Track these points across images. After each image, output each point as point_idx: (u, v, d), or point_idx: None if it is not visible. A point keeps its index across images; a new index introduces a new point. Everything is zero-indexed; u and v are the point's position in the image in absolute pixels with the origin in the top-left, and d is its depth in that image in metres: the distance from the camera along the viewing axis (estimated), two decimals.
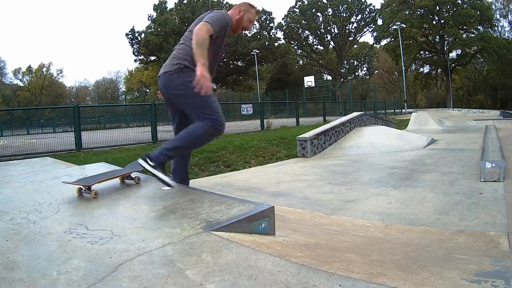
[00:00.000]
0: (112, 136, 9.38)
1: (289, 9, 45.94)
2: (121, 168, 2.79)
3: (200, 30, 2.13)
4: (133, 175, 2.47)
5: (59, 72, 53.78)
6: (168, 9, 41.12)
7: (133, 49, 41.31)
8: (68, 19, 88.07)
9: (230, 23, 2.37)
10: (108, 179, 2.35)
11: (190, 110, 2.27)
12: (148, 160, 2.21)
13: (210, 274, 1.24)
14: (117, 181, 2.46)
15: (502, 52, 37.05)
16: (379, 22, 43.20)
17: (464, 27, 38.35)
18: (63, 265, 1.33)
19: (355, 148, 7.91)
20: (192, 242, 1.48)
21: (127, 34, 40.67)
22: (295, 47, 48.19)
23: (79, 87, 59.72)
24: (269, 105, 22.80)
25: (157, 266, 1.30)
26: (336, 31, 44.96)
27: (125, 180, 2.47)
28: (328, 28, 44.94)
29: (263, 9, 47.64)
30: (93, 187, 2.15)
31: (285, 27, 45.22)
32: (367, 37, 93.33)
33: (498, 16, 40.98)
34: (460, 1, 37.72)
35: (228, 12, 2.45)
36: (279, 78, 46.13)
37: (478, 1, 37.21)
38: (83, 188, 2.17)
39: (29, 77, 50.13)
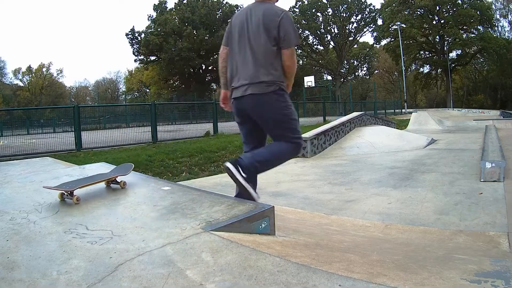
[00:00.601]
0: (112, 136, 9.38)
1: (289, 9, 45.85)
2: (107, 171, 2.62)
3: (294, 63, 2.15)
4: (118, 179, 2.34)
5: (59, 72, 53.75)
6: (168, 9, 41.13)
7: (133, 49, 41.37)
8: (68, 19, 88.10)
9: None
10: (91, 184, 2.21)
11: (277, 133, 2.16)
12: (241, 170, 1.99)
13: (210, 274, 1.24)
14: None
15: (502, 52, 37.04)
16: (379, 22, 43.24)
17: (464, 27, 38.34)
18: (63, 265, 1.33)
19: (355, 148, 7.91)
20: (192, 242, 1.47)
21: (127, 34, 40.72)
22: (295, 47, 48.16)
23: (79, 87, 59.68)
24: None
25: (157, 266, 1.30)
26: (336, 31, 44.95)
27: (111, 185, 2.33)
28: (328, 28, 44.93)
29: None
30: (75, 192, 2.02)
31: None
32: (367, 37, 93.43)
33: (498, 16, 41.01)
34: (460, 1, 37.71)
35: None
36: None
37: (478, 1, 37.20)
38: (65, 194, 2.04)
39: (29, 77, 50.10)
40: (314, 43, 47.39)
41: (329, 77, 48.33)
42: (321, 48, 47.14)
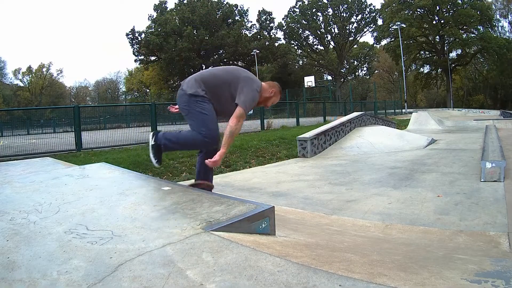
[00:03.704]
0: (113, 136, 9.38)
1: (289, 9, 46.03)
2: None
3: (236, 125, 2.41)
4: None
5: (59, 72, 53.84)
6: (168, 9, 41.16)
7: (133, 49, 41.43)
8: (68, 19, 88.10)
9: (256, 101, 2.49)
10: None
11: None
12: (154, 137, 2.58)
13: (210, 274, 1.24)
14: (116, 180, 2.45)
15: (502, 52, 37.00)
16: (379, 22, 43.28)
17: (464, 27, 38.33)
18: (63, 265, 1.33)
19: (355, 148, 7.90)
20: (192, 242, 1.47)
21: (127, 34, 40.74)
22: (295, 47, 48.20)
23: (79, 87, 59.67)
24: None
25: (157, 266, 1.30)
26: (336, 31, 44.99)
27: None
28: (328, 28, 44.96)
29: (263, 9, 47.72)
30: None
31: (285, 27, 45.25)
32: (367, 37, 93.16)
33: (498, 16, 41.00)
34: (460, 1, 37.71)
35: (262, 85, 2.53)
36: (279, 78, 46.05)
37: (478, 1, 37.19)
38: None
39: (29, 77, 50.12)
40: (314, 43, 47.45)
41: (329, 77, 48.39)
42: (321, 48, 47.18)
